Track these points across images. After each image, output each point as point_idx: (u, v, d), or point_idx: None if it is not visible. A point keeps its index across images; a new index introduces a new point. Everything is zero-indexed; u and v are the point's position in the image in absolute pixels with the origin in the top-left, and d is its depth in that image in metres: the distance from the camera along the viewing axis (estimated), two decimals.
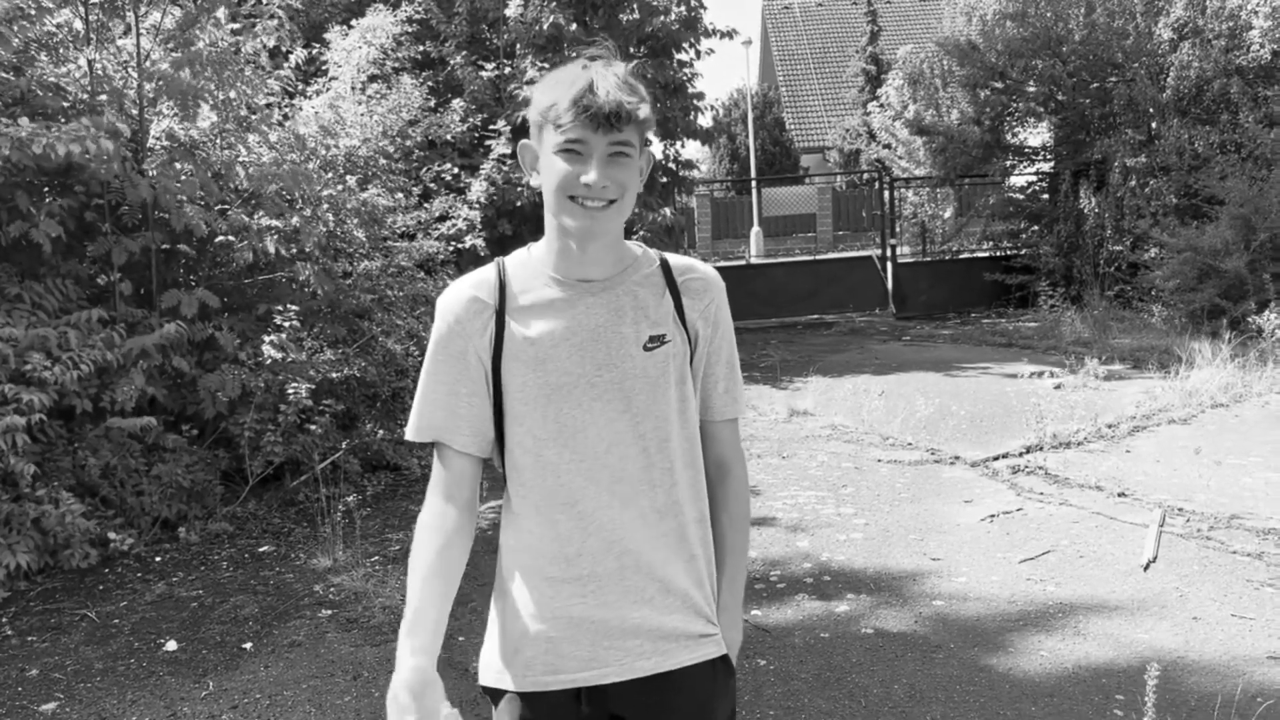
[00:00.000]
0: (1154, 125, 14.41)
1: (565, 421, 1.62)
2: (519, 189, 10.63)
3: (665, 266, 1.72)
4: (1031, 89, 15.54)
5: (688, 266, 1.73)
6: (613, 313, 1.64)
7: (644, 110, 1.56)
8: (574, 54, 11.22)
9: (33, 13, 5.62)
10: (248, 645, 4.42)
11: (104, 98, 6.17)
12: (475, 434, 1.66)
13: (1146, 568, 4.83)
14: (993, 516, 5.75)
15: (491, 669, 1.70)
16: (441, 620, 1.58)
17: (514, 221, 10.97)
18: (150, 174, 5.98)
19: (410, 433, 1.69)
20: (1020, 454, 7.09)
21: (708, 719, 1.69)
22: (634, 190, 1.61)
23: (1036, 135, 16.74)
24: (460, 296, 1.66)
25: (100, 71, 6.28)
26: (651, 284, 1.68)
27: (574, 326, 1.63)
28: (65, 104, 6.05)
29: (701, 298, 1.71)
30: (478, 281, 1.67)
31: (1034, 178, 16.89)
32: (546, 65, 11.38)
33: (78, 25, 6.26)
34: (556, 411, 1.62)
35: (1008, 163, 16.46)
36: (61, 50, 6.24)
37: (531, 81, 11.31)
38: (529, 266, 1.68)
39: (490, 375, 1.65)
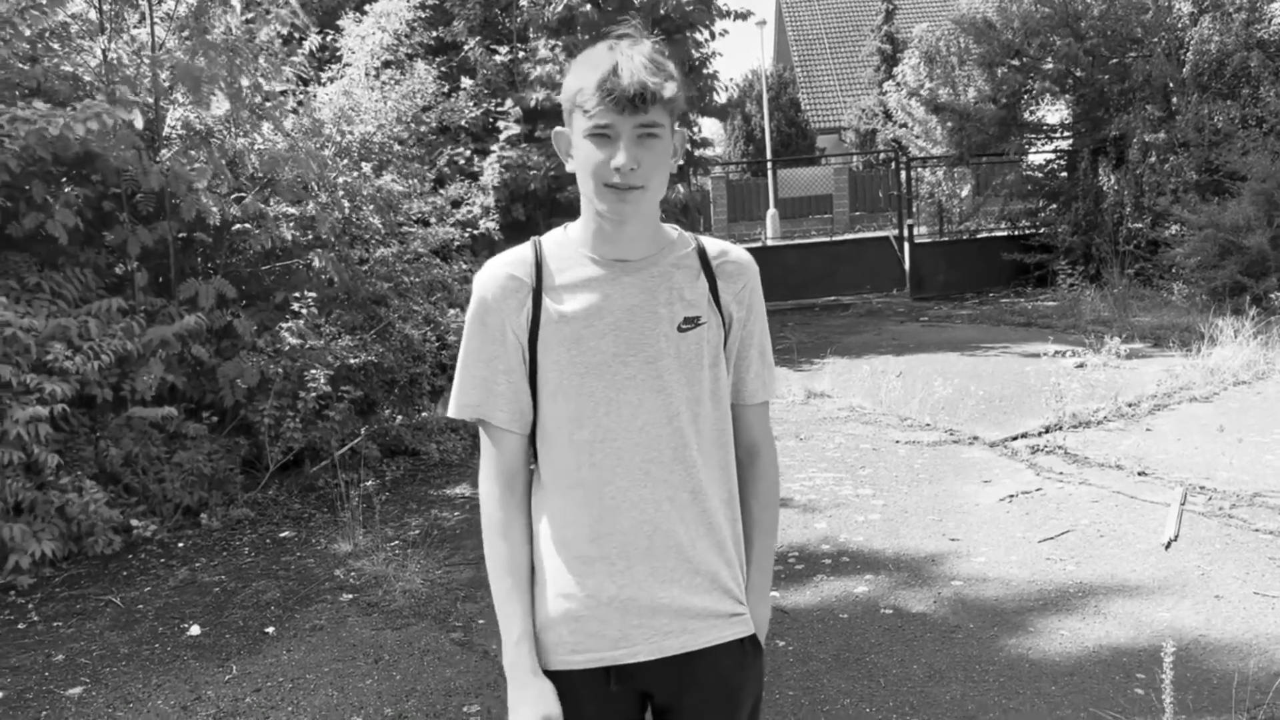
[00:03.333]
0: (1173, 101, 14.23)
1: (599, 400, 1.63)
2: (532, 173, 10.62)
3: (701, 250, 1.73)
4: (1049, 66, 15.37)
5: (723, 250, 1.75)
6: (647, 293, 1.66)
7: (670, 89, 1.56)
8: (590, 35, 11.22)
9: (44, 2, 5.63)
10: (270, 629, 4.46)
11: (119, 86, 6.19)
12: (514, 411, 1.68)
13: (1168, 546, 4.80)
14: (1012, 496, 5.73)
15: None
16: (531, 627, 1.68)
17: (528, 206, 10.96)
18: (163, 162, 5.99)
19: (452, 410, 1.72)
20: (1039, 434, 7.06)
21: (735, 697, 1.70)
22: (662, 173, 1.62)
23: (1054, 112, 16.57)
24: (497, 274, 1.67)
25: (114, 60, 6.29)
26: (687, 266, 1.70)
27: (609, 306, 1.64)
28: (80, 93, 6.07)
29: (736, 281, 1.72)
30: (514, 260, 1.68)
31: (1052, 155, 16.73)
32: (560, 46, 11.35)
33: (92, 15, 6.28)
34: (590, 390, 1.63)
35: (1025, 141, 16.30)
36: (76, 40, 6.25)
37: (545, 62, 11.29)
38: (566, 246, 1.69)
39: (526, 353, 1.66)
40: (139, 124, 5.65)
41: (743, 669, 1.70)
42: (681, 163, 1.71)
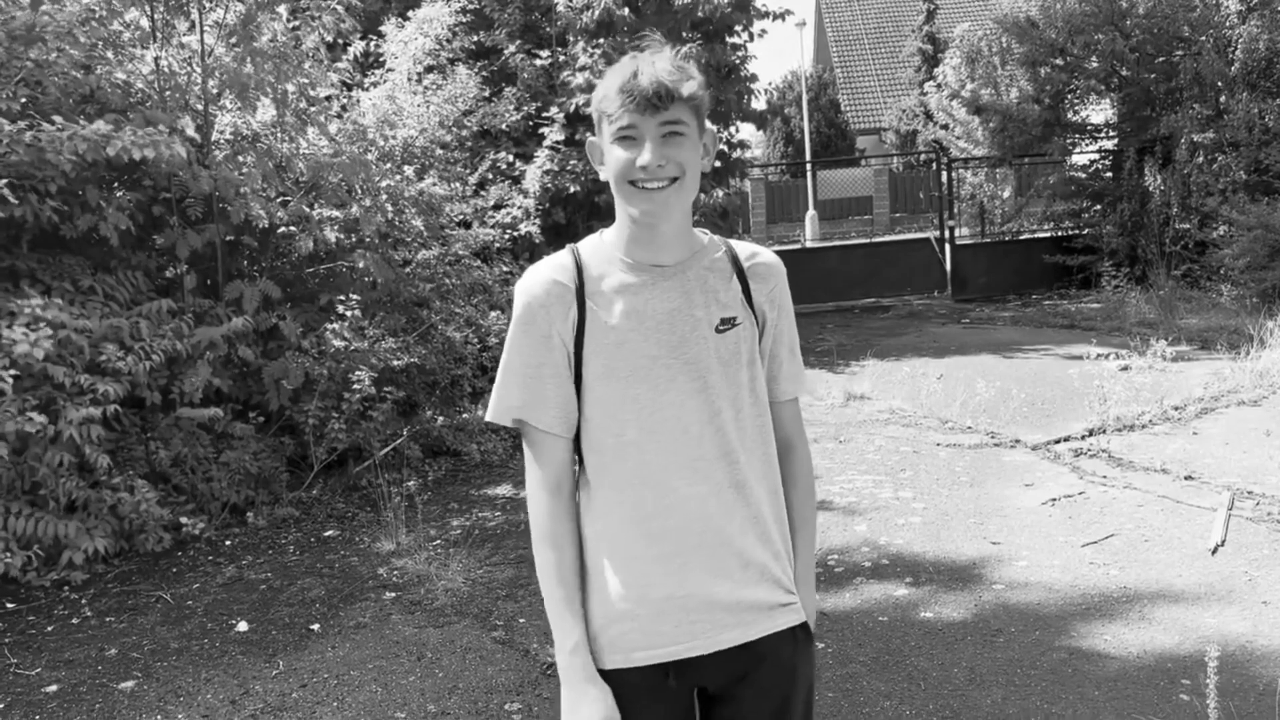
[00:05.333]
0: (1222, 100, 13.99)
1: (644, 402, 1.67)
2: (572, 176, 10.68)
3: (731, 252, 1.78)
4: (1093, 65, 15.17)
5: (752, 252, 1.80)
6: (685, 296, 1.70)
7: (688, 86, 1.61)
8: (626, 40, 11.23)
9: (104, 14, 5.77)
10: (315, 626, 4.53)
11: (170, 94, 6.32)
12: (561, 414, 1.71)
13: (1214, 552, 4.74)
14: (1054, 500, 5.68)
15: None
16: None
17: (568, 209, 11.02)
18: (212, 168, 6.12)
19: (491, 414, 1.74)
20: (1083, 437, 6.98)
21: (791, 682, 1.74)
22: (695, 168, 1.65)
23: (1099, 112, 16.33)
24: (542, 280, 1.70)
25: (166, 68, 6.43)
26: (719, 269, 1.75)
27: (649, 310, 1.69)
28: (133, 99, 6.21)
29: (767, 281, 1.78)
30: (557, 266, 1.72)
31: (1096, 156, 16.50)
32: (598, 51, 11.39)
33: (144, 24, 6.42)
34: (636, 393, 1.67)
35: (1068, 141, 16.09)
36: (129, 48, 6.40)
37: (584, 68, 11.35)
38: (602, 252, 1.73)
39: (572, 358, 1.70)
40: (190, 131, 5.77)
41: (795, 655, 1.75)
42: (717, 164, 1.74)
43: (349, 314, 6.61)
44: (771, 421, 1.79)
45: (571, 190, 10.76)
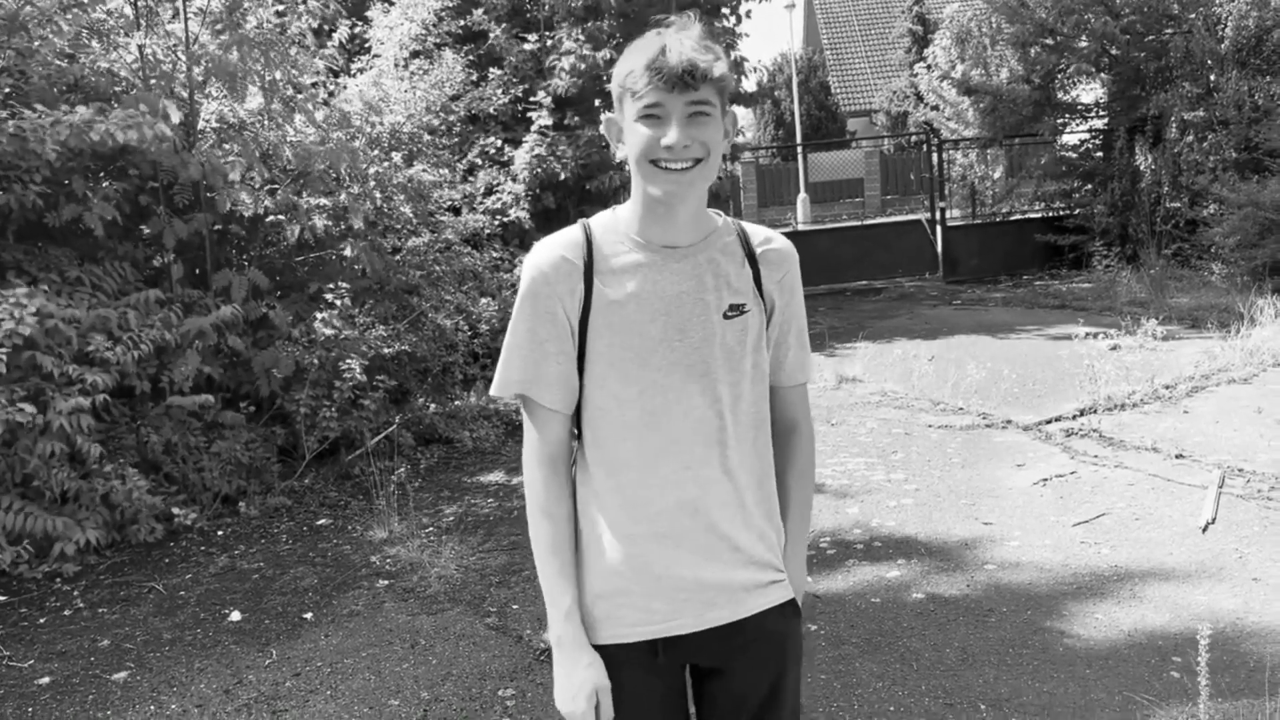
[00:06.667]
0: (1212, 78, 13.97)
1: (646, 385, 1.66)
2: (561, 161, 10.63)
3: (744, 235, 1.76)
4: (1083, 45, 15.13)
5: (766, 237, 1.78)
6: (695, 280, 1.69)
7: (719, 68, 1.58)
8: (618, 21, 11.17)
9: (85, 1, 5.71)
10: (308, 615, 4.53)
11: (155, 81, 6.27)
12: (563, 392, 1.70)
13: (1205, 529, 4.76)
14: (1045, 480, 5.69)
15: None
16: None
17: (558, 194, 10.97)
18: (200, 155, 6.08)
19: (496, 387, 1.72)
20: (1074, 417, 6.99)
21: (781, 658, 1.76)
22: (719, 150, 1.63)
23: (1089, 92, 16.31)
24: (551, 256, 1.68)
25: (150, 56, 6.38)
26: (731, 253, 1.73)
27: (658, 292, 1.67)
28: (117, 88, 6.16)
29: (779, 268, 1.76)
30: (566, 242, 1.70)
31: (1087, 136, 16.48)
32: (583, 35, 11.33)
33: (128, 11, 6.37)
34: (638, 375, 1.66)
35: (1059, 121, 16.07)
36: (112, 36, 6.34)
37: (569, 51, 11.28)
38: (614, 230, 1.71)
39: (576, 335, 1.68)
40: (175, 119, 5.73)
41: (784, 631, 1.76)
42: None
43: (338, 302, 6.58)
44: (768, 409, 1.78)
45: (561, 176, 10.72)
